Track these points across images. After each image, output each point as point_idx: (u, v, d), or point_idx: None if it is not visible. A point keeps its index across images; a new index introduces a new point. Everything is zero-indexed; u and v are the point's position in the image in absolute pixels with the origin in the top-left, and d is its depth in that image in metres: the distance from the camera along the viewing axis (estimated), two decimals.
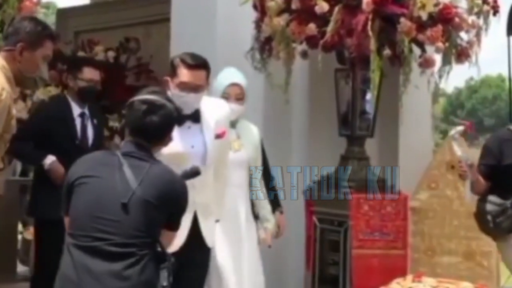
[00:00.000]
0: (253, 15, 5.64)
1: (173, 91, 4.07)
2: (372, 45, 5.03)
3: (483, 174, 5.29)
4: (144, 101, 3.45)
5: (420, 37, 5.20)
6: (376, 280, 5.00)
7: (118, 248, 3.17)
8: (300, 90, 5.95)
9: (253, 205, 4.96)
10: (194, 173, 3.79)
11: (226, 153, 4.48)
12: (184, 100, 4.05)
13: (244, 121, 4.98)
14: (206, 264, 4.34)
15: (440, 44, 5.26)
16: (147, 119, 3.42)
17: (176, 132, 3.87)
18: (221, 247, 4.59)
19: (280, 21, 5.32)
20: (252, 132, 4.99)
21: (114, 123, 6.88)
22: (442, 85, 5.65)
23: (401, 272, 5.12)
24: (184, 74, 4.12)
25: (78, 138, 5.57)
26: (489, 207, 5.20)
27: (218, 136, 4.22)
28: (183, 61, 4.14)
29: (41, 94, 6.70)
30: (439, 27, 5.21)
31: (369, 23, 5.02)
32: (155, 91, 3.59)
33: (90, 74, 5.70)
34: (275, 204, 5.20)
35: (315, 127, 6.25)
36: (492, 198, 5.22)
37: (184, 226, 3.95)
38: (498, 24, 5.67)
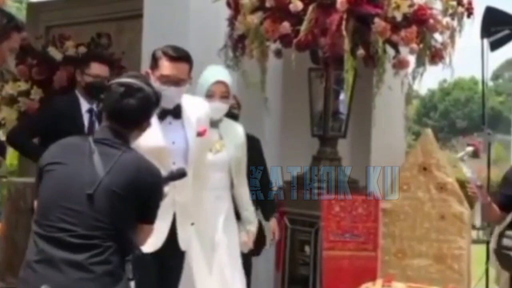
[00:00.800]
0: (226, 12, 5.59)
1: (154, 84, 3.87)
2: (346, 45, 5.00)
3: (500, 203, 5.23)
4: (121, 84, 3.35)
5: (394, 37, 5.19)
6: (346, 281, 4.99)
7: (81, 240, 3.09)
8: (273, 89, 5.91)
9: (235, 206, 4.80)
10: (181, 174, 3.70)
11: (206, 153, 4.39)
12: (165, 94, 3.90)
13: (228, 121, 4.83)
14: (180, 267, 4.24)
15: (414, 45, 5.25)
16: (124, 102, 3.31)
17: (157, 127, 3.82)
18: (194, 249, 4.50)
19: (254, 19, 5.28)
20: (236, 131, 4.80)
21: None
22: (415, 86, 5.64)
23: (371, 274, 5.11)
24: (165, 67, 4.01)
25: (85, 134, 5.49)
26: (506, 241, 5.14)
27: (199, 134, 4.12)
28: (165, 53, 4.02)
29: (10, 89, 6.61)
30: (414, 28, 5.20)
31: (343, 22, 5.00)
32: (135, 75, 3.49)
33: (97, 69, 5.62)
34: (271, 209, 5.16)
35: (287, 127, 6.22)
36: (509, 232, 5.17)
37: (164, 226, 3.91)
38: (471, 26, 5.67)
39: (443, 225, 5.72)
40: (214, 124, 4.57)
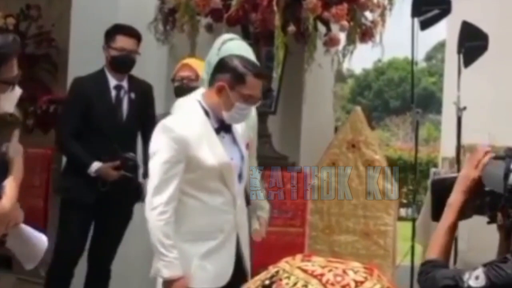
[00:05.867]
0: None
1: (234, 102, 3.51)
2: (277, 21, 5.00)
3: None
4: None
5: (325, 14, 5.21)
6: (273, 257, 4.96)
7: None
8: None
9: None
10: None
11: None
12: (244, 113, 3.57)
13: None
14: None
15: (344, 23, 5.28)
16: None
17: (219, 142, 3.54)
18: None
19: None
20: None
21: None
22: (349, 66, 5.68)
23: (299, 250, 5.13)
24: (253, 85, 3.52)
25: (112, 111, 5.13)
26: None
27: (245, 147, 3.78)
28: (249, 69, 3.53)
29: None
30: (344, 5, 5.23)
31: None
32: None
33: (122, 42, 5.12)
34: None
35: None
36: None
37: (230, 254, 3.63)
38: (407, 5, 5.73)
39: (370, 201, 5.78)
40: None
